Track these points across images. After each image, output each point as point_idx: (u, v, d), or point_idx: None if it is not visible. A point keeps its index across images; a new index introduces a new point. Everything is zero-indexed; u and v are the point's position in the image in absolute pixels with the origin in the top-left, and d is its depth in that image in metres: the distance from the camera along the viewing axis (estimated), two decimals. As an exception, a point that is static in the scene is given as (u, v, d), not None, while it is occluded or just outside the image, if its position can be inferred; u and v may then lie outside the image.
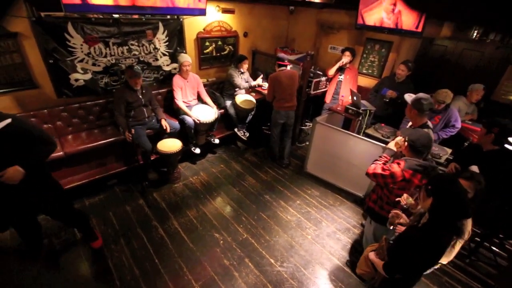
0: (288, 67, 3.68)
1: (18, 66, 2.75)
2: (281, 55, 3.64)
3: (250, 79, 4.42)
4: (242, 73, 4.21)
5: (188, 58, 3.60)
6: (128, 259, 2.55)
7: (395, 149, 2.14)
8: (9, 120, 1.76)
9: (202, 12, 3.41)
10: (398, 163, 1.90)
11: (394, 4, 3.61)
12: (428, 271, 1.72)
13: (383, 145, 2.99)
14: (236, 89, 4.18)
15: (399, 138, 2.08)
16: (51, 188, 2.15)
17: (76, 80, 3.12)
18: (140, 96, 3.22)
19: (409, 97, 2.31)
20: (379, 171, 1.96)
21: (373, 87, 4.14)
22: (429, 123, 2.31)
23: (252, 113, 4.21)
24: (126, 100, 3.12)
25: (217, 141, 4.10)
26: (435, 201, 1.38)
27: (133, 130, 3.14)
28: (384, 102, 3.77)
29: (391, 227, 1.82)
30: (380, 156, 2.16)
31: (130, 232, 2.83)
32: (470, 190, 1.62)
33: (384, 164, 2.04)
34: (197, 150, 3.93)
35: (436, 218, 1.38)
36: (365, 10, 3.93)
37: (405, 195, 1.82)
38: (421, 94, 2.24)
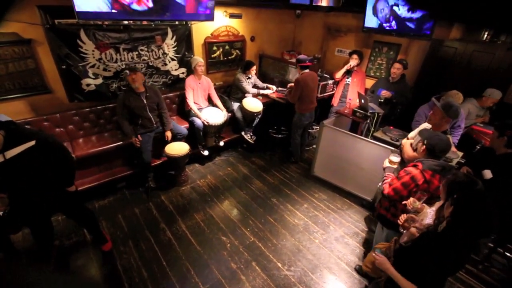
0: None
1: (32, 71, 2.84)
2: (302, 56, 3.63)
3: (258, 81, 4.46)
4: (249, 77, 4.26)
5: (200, 59, 3.68)
6: (136, 261, 2.57)
7: (394, 166, 2.11)
8: (32, 143, 1.80)
9: (209, 18, 3.46)
10: (415, 165, 1.83)
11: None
12: None
13: (392, 148, 2.96)
14: (245, 94, 4.22)
15: (407, 149, 2.02)
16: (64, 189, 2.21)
17: (88, 85, 3.19)
18: (144, 101, 3.13)
19: (437, 101, 2.24)
20: (397, 184, 1.86)
21: (369, 88, 4.14)
22: (448, 129, 2.27)
23: (259, 116, 4.23)
24: (128, 105, 3.05)
25: (221, 143, 4.12)
26: (456, 213, 1.31)
27: (139, 137, 3.17)
28: (379, 103, 3.76)
29: (404, 231, 1.78)
30: (385, 176, 2.09)
31: (139, 235, 2.86)
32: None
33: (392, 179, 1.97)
34: (206, 152, 3.97)
35: (455, 230, 1.31)
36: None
37: (411, 199, 1.77)
38: (451, 101, 2.18)
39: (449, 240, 1.33)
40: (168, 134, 3.40)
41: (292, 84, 3.92)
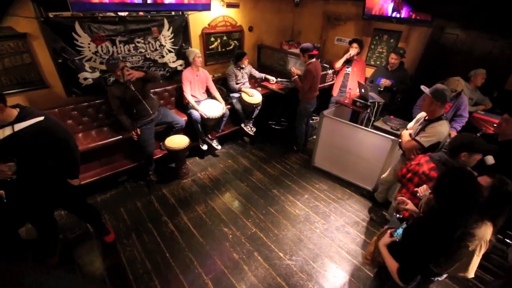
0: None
1: (28, 66, 2.80)
2: (308, 45, 3.53)
3: (254, 71, 4.33)
4: (243, 68, 4.10)
5: (197, 50, 3.64)
6: (140, 253, 2.61)
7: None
8: (41, 118, 1.86)
9: (206, 7, 3.41)
10: None
11: None
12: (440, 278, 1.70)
13: (393, 137, 2.95)
14: (240, 85, 4.14)
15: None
16: (67, 183, 2.22)
17: (85, 79, 3.16)
18: (133, 88, 2.96)
19: (425, 89, 2.23)
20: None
21: (368, 78, 4.10)
22: (444, 114, 2.26)
23: (259, 108, 4.20)
24: (121, 97, 2.95)
25: (219, 147, 4.09)
26: (434, 189, 1.37)
27: (139, 130, 3.12)
28: (378, 91, 3.74)
29: (397, 215, 1.82)
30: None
31: (141, 227, 2.89)
32: (485, 185, 1.55)
33: None
34: (205, 147, 3.97)
35: (438, 207, 1.35)
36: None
37: (424, 186, 1.80)
38: (439, 85, 2.16)
39: (429, 219, 1.38)
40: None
41: (294, 71, 3.87)
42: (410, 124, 2.60)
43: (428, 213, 1.42)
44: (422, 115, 2.43)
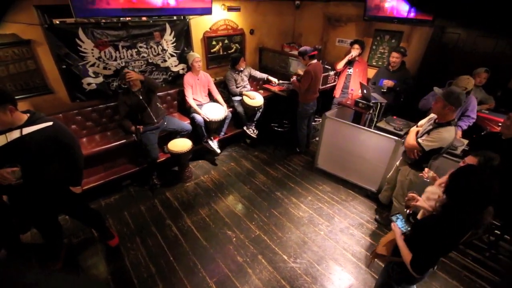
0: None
1: (33, 72, 2.84)
2: (304, 48, 3.54)
3: (255, 72, 4.33)
4: (241, 71, 4.09)
5: (197, 54, 3.67)
6: (144, 257, 2.61)
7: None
8: (50, 123, 1.88)
9: (208, 11, 3.43)
10: None
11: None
12: None
13: (396, 138, 2.93)
14: (240, 88, 4.15)
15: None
16: (69, 190, 2.22)
17: (89, 84, 3.20)
18: (140, 97, 3.12)
19: (438, 90, 2.19)
20: None
21: (370, 80, 4.09)
22: (456, 119, 2.23)
23: (261, 110, 4.20)
24: (128, 104, 3.08)
25: (218, 150, 3.97)
26: (448, 189, 1.39)
27: (141, 128, 3.15)
28: (382, 93, 3.72)
29: (407, 211, 1.84)
30: None
31: (145, 231, 2.89)
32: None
33: None
34: (218, 150, 3.94)
35: (448, 205, 1.39)
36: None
37: (426, 169, 1.88)
38: (454, 88, 2.12)
39: (443, 216, 1.41)
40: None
41: (298, 73, 3.87)
42: (422, 121, 2.55)
43: (442, 211, 1.44)
44: (432, 116, 2.38)
